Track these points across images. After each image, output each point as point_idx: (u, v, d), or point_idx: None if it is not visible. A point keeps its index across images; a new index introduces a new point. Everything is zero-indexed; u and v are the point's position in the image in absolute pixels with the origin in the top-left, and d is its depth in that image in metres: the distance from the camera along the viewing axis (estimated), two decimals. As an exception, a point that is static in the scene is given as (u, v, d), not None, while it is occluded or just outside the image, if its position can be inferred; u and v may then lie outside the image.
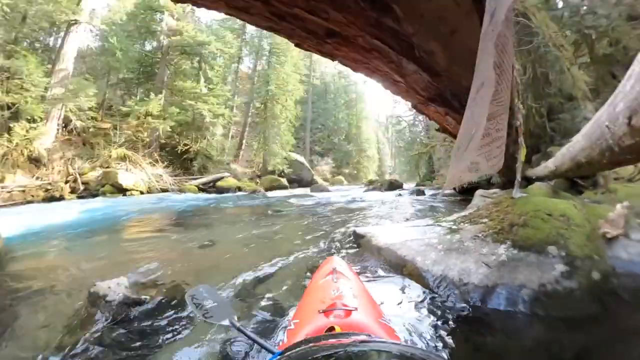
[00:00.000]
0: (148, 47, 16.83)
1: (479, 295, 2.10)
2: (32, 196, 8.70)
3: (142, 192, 11.26)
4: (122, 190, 10.53)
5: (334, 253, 3.73)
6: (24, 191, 8.66)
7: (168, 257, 3.86)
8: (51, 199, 8.96)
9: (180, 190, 12.75)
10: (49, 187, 9.36)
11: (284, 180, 18.25)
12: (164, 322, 2.24)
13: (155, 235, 5.41)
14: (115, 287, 2.36)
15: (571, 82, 6.39)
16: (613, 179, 4.48)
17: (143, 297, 2.45)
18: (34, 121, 9.78)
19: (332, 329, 1.16)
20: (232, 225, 6.54)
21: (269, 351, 1.03)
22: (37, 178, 9.40)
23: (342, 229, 5.15)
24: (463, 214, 3.32)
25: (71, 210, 7.35)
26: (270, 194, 14.32)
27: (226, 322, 1.31)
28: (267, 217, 7.45)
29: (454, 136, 2.58)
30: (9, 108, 9.23)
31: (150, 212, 7.98)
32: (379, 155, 40.09)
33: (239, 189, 14.93)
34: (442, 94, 1.54)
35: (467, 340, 1.87)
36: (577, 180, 4.71)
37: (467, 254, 2.38)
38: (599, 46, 7.23)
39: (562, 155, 3.61)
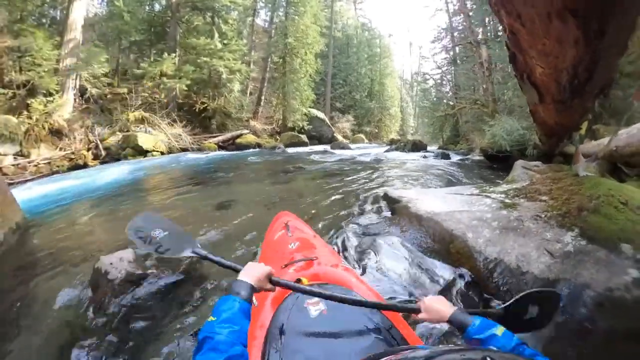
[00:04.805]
0: (157, 7, 16.24)
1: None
2: (58, 167, 8.97)
3: (162, 153, 11.35)
4: (142, 152, 10.62)
5: (362, 215, 3.48)
6: (49, 163, 8.94)
7: (184, 219, 3.77)
8: (75, 167, 9.19)
9: (200, 149, 12.77)
10: (72, 156, 9.63)
11: (304, 137, 17.87)
12: (169, 297, 2.10)
13: (171, 196, 5.37)
14: (118, 263, 2.18)
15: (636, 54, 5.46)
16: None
17: (149, 271, 2.28)
18: (50, 94, 9.87)
19: (298, 281, 1.17)
20: (250, 183, 6.47)
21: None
22: (61, 149, 9.64)
23: (369, 190, 4.88)
24: (514, 186, 2.93)
25: (93, 177, 7.51)
26: (289, 150, 14.21)
27: (188, 253, 1.16)
28: (288, 174, 7.31)
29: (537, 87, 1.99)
30: (24, 86, 9.34)
31: (169, 172, 8.04)
32: (402, 115, 38.32)
33: (259, 145, 14.89)
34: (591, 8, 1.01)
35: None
36: (621, 166, 4.28)
37: (528, 237, 2.05)
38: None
39: (630, 137, 3.23)
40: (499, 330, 0.86)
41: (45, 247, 3.24)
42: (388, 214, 3.39)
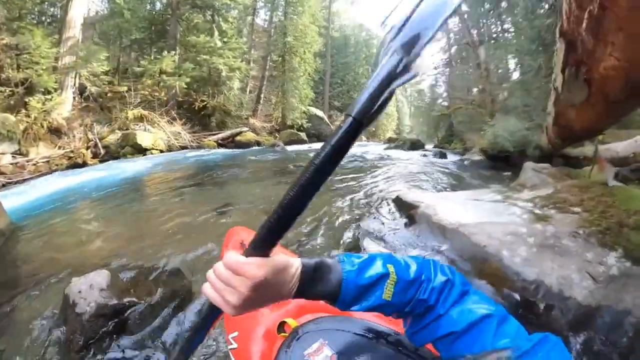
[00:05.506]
0: (158, 5, 16.17)
1: (580, 317, 1.63)
2: (57, 165, 8.79)
3: (162, 151, 11.17)
4: (142, 151, 10.44)
5: (373, 222, 3.17)
6: (48, 161, 8.75)
7: (177, 227, 3.52)
8: (74, 165, 9.00)
9: (199, 147, 12.59)
10: (71, 154, 9.43)
11: (303, 135, 17.85)
12: (147, 336, 1.82)
13: (171, 195, 5.18)
14: (87, 292, 1.82)
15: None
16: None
17: (126, 299, 1.91)
18: (49, 93, 9.67)
19: (282, 324, 0.94)
20: (250, 182, 6.26)
21: None
22: (60, 147, 9.45)
23: (375, 191, 4.67)
24: (539, 193, 2.73)
25: (90, 176, 7.33)
26: (289, 147, 14.12)
27: None
28: (288, 173, 7.12)
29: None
30: (22, 84, 9.14)
31: (169, 170, 7.86)
32: (398, 114, 38.60)
33: (258, 143, 14.75)
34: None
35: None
36: (622, 169, 4.33)
37: (567, 257, 1.88)
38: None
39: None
40: (388, 287, 0.55)
41: (27, 257, 2.99)
42: (402, 220, 3.13)
